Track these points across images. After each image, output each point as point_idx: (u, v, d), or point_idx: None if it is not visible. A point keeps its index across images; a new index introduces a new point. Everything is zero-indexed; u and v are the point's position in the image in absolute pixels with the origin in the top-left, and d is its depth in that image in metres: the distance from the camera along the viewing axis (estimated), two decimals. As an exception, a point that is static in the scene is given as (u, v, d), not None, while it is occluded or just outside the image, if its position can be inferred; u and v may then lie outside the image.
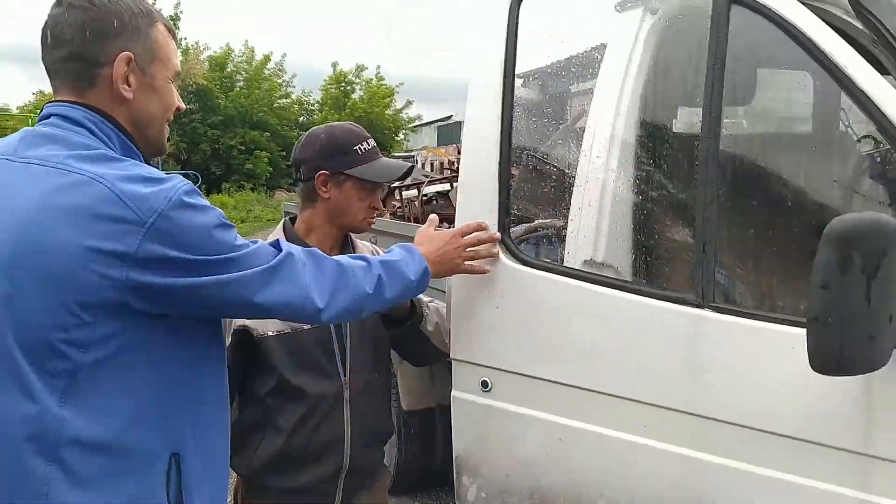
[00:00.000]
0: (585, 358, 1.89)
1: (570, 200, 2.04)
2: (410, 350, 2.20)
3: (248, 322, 1.90)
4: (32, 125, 1.35)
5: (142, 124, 1.36)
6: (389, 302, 1.64)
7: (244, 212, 22.82)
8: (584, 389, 1.88)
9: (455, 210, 5.13)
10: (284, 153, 31.22)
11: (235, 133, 29.82)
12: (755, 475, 1.64)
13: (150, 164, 1.37)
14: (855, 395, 1.52)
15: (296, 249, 1.45)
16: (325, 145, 1.99)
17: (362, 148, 1.99)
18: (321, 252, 1.54)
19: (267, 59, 33.24)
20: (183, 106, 1.46)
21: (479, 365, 2.05)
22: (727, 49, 1.68)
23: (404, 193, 5.41)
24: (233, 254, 1.32)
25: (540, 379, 1.95)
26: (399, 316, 2.04)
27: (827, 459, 1.56)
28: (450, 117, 37.33)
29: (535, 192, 2.18)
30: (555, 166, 2.18)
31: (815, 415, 1.57)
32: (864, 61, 1.57)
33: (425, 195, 5.29)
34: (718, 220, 1.69)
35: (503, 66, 2.04)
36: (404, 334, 2.07)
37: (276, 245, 1.43)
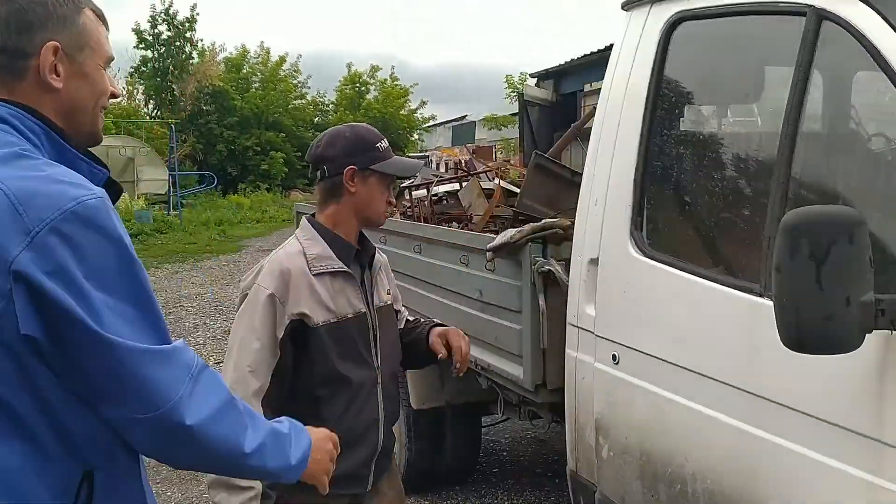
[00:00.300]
0: (676, 337, 2.17)
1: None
2: (412, 354, 2.33)
3: (303, 308, 1.98)
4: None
5: (72, 113, 1.32)
6: (253, 471, 1.39)
7: (260, 212, 22.97)
8: (675, 365, 2.15)
9: (463, 209, 5.12)
10: (300, 153, 31.34)
11: (251, 134, 30.03)
12: (797, 454, 1.77)
13: (85, 155, 1.29)
14: (881, 382, 1.60)
15: (198, 360, 1.27)
16: (352, 143, 2.10)
17: (382, 146, 2.12)
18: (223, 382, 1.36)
19: (282, 60, 33.46)
20: (119, 91, 1.41)
21: (611, 341, 2.41)
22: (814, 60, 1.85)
23: (414, 193, 5.43)
24: (120, 304, 1.16)
25: (648, 355, 2.26)
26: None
27: (856, 445, 1.64)
28: (464, 117, 37.32)
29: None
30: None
31: (848, 401, 1.67)
32: None
33: (435, 195, 5.30)
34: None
35: (646, 95, 2.37)
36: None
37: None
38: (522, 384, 3.04)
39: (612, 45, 2.64)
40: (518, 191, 4.47)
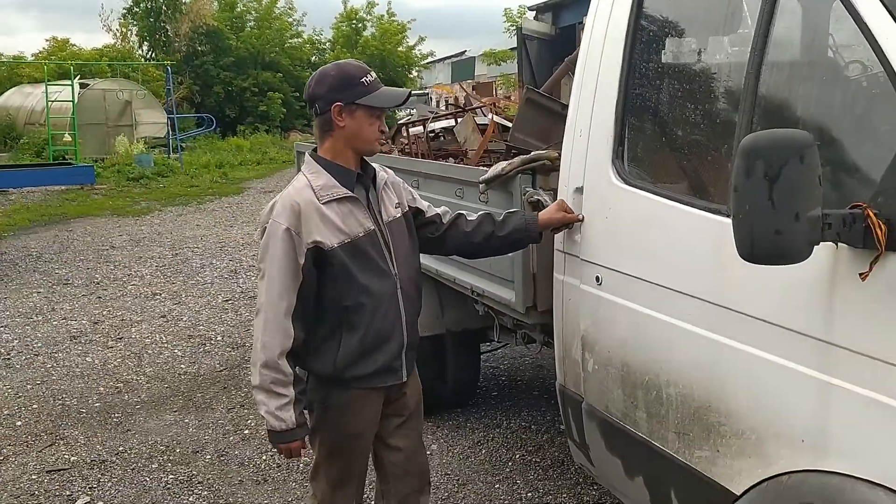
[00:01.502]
0: (653, 257, 2.34)
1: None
2: (508, 248, 2.73)
3: (316, 237, 2.22)
4: (48, 71, 1.41)
5: None
6: None
7: (260, 154, 22.93)
8: (651, 283, 2.33)
9: (459, 145, 5.19)
10: (298, 94, 31.01)
11: (248, 74, 29.64)
12: (758, 358, 1.96)
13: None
14: (831, 290, 1.76)
15: None
16: (337, 80, 2.26)
17: (367, 80, 2.27)
18: None
19: (276, -4, 32.74)
20: None
21: (595, 263, 2.59)
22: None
23: (411, 130, 5.52)
24: None
25: (628, 275, 2.44)
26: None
27: (809, 347, 1.82)
28: (463, 52, 36.77)
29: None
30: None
31: (802, 308, 1.84)
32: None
33: (432, 131, 5.39)
34: None
35: (626, 30, 2.50)
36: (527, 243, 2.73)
37: None
38: (514, 307, 3.22)
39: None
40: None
